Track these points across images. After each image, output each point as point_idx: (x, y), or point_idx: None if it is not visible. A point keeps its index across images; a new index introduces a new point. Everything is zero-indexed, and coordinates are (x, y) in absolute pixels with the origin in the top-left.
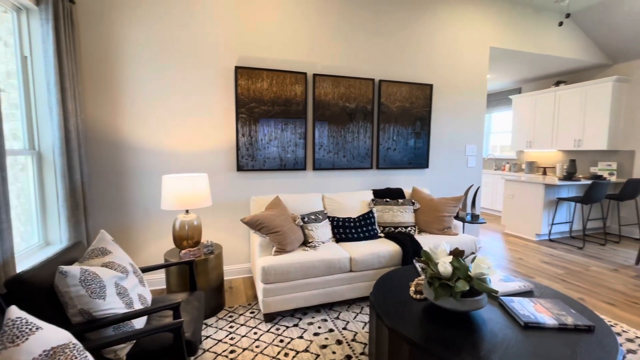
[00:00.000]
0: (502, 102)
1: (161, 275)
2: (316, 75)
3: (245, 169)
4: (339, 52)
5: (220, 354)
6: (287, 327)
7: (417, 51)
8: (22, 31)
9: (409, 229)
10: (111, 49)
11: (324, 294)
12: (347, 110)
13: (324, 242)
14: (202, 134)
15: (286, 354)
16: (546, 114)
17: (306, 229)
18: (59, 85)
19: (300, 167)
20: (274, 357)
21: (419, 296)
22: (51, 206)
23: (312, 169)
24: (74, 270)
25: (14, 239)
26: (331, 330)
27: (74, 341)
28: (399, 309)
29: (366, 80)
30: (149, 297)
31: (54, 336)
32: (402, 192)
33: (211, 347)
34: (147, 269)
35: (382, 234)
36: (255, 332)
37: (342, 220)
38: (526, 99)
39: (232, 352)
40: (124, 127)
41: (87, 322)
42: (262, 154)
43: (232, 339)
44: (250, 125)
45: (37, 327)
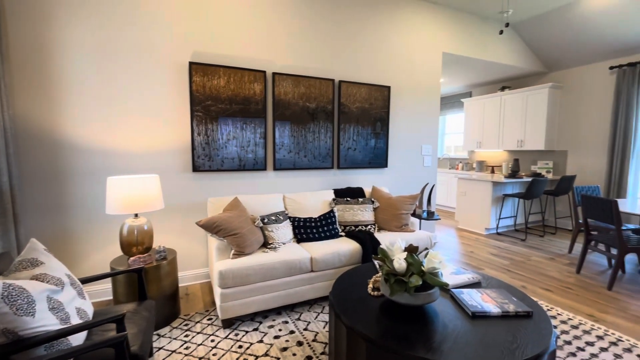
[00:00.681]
0: (455, 104)
1: (107, 285)
2: (276, 73)
3: (201, 169)
4: (298, 51)
5: None
6: (247, 332)
7: (375, 54)
8: None
9: (369, 227)
10: (47, 39)
11: (285, 296)
12: (308, 110)
13: (285, 243)
14: (153, 133)
15: None
16: (493, 116)
17: (266, 230)
18: None
19: (260, 167)
20: None
21: (376, 293)
22: None
23: (273, 169)
24: None
25: None
26: (292, 332)
27: None
28: (357, 307)
29: (326, 80)
30: (90, 310)
31: None
32: (363, 191)
33: (164, 359)
34: (88, 280)
35: (343, 233)
36: (212, 340)
37: (304, 220)
38: (476, 102)
39: None
40: (63, 124)
41: (12, 343)
42: (220, 154)
43: (187, 348)
44: (206, 124)
45: None
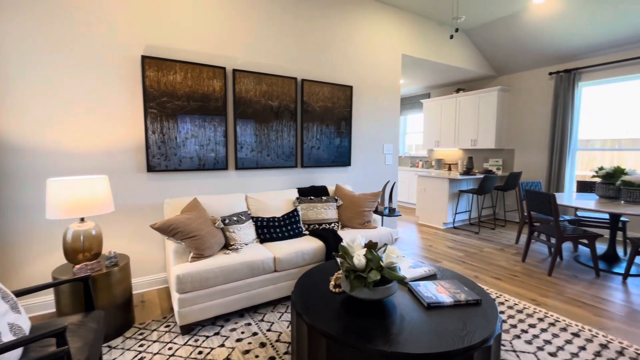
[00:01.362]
0: (415, 105)
1: (50, 296)
2: (236, 70)
3: (157, 169)
4: (260, 48)
5: None
6: (207, 337)
7: (338, 53)
8: None
9: (333, 225)
10: None
11: (248, 297)
12: (271, 108)
13: (248, 244)
14: (101, 131)
15: None
16: (449, 117)
17: (227, 232)
18: None
19: (221, 166)
20: None
21: (338, 290)
22: None
23: (235, 169)
24: None
25: None
26: (255, 333)
27: None
28: (319, 305)
29: (289, 78)
30: (26, 325)
31: None
32: (326, 189)
33: None
34: (24, 292)
35: (306, 232)
36: (170, 348)
37: (267, 220)
38: (434, 103)
39: None
40: None
41: None
42: (178, 153)
43: (141, 359)
44: (162, 121)
45: None
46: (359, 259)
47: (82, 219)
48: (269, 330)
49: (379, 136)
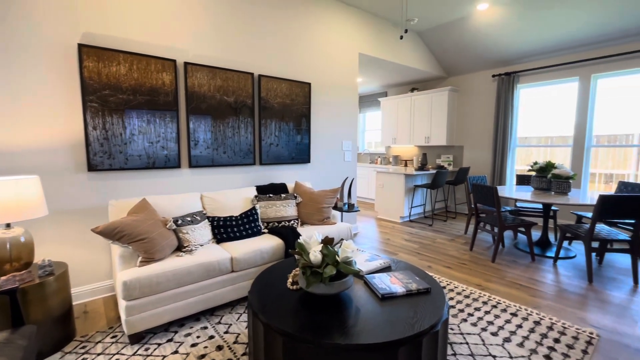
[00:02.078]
0: (374, 103)
1: None
2: (188, 63)
3: (100, 168)
4: (214, 41)
5: None
6: (159, 345)
7: (296, 50)
8: None
9: (292, 222)
10: None
11: (204, 300)
12: (226, 104)
13: (203, 245)
14: (31, 127)
15: None
16: (405, 115)
17: (180, 233)
18: None
19: (173, 164)
20: None
21: (295, 287)
22: None
23: (189, 167)
24: None
25: None
26: (212, 337)
27: None
28: (275, 303)
29: (245, 74)
30: None
31: None
32: (286, 187)
33: None
34: None
35: (265, 230)
36: (116, 359)
37: (223, 219)
38: (391, 102)
39: None
40: None
41: None
42: (124, 151)
43: None
44: (105, 116)
45: None
46: (315, 255)
47: (8, 225)
48: (226, 332)
49: (338, 133)
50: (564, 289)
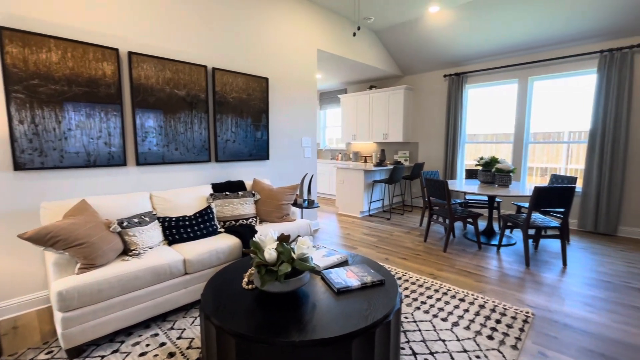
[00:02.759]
0: (334, 100)
1: None
2: (133, 53)
3: (29, 167)
4: (164, 31)
5: None
6: (103, 357)
7: (253, 43)
8: None
9: (250, 220)
10: None
11: (154, 306)
12: (178, 97)
13: (153, 247)
14: None
15: None
16: (364, 112)
17: (126, 235)
18: None
19: (118, 162)
20: None
21: (251, 286)
22: None
23: (136, 165)
24: None
25: None
26: (163, 344)
27: None
28: (229, 304)
29: (198, 66)
30: None
31: None
32: (244, 184)
33: None
34: None
35: (222, 229)
36: None
37: (175, 219)
38: (350, 99)
39: None
40: None
41: None
42: (59, 148)
43: None
44: (34, 109)
45: None
46: (270, 252)
47: None
48: (179, 337)
49: (298, 129)
50: (505, 273)
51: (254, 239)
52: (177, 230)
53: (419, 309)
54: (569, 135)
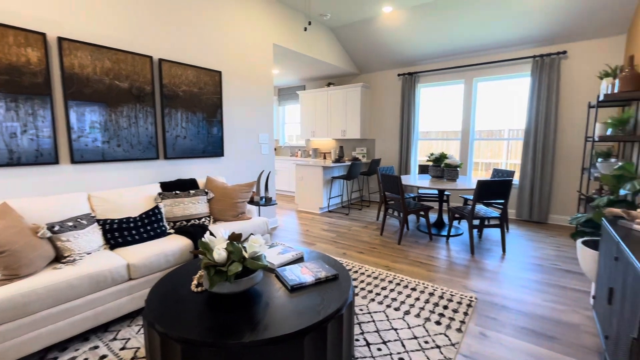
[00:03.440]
0: (292, 96)
1: None
2: (64, 39)
3: None
4: (102, 15)
5: None
6: None
7: (204, 36)
8: None
9: (203, 220)
10: None
11: (94, 316)
12: (119, 90)
13: (91, 253)
14: None
15: None
16: (323, 109)
17: (59, 241)
18: None
19: (48, 160)
20: None
21: (200, 289)
22: None
23: (71, 162)
24: None
25: None
26: (104, 356)
27: None
28: (175, 309)
29: (142, 56)
30: None
31: None
32: (196, 182)
33: None
34: None
35: (172, 230)
36: None
37: (118, 221)
38: (309, 95)
39: None
40: None
41: None
42: None
43: None
44: None
45: None
46: (219, 252)
47: None
48: (123, 348)
49: (254, 125)
50: (453, 262)
51: (202, 239)
52: (120, 233)
53: (373, 300)
54: (508, 132)
